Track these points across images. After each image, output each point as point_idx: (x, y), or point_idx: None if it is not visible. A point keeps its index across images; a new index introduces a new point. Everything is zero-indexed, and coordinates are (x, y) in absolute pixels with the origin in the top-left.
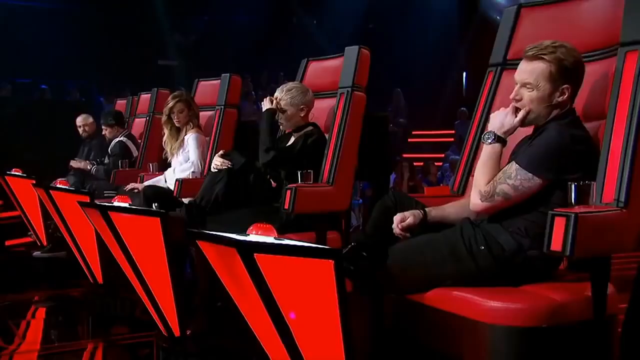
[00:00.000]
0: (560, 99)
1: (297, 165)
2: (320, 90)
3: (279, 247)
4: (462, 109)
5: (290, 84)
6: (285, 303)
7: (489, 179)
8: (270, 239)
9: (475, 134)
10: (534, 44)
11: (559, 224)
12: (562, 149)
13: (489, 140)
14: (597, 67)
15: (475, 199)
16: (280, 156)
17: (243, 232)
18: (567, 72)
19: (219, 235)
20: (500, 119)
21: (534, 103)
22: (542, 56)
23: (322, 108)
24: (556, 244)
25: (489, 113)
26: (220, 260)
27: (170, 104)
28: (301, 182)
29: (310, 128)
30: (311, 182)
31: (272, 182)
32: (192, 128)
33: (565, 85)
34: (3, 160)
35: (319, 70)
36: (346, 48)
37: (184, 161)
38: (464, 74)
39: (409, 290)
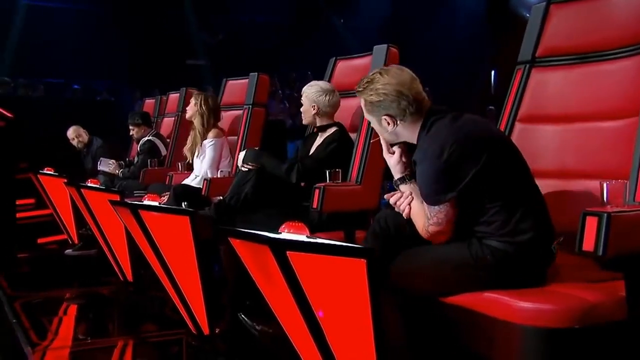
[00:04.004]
0: (390, 127)
1: (324, 168)
2: (348, 89)
3: (312, 245)
4: (490, 107)
5: (316, 82)
6: (318, 301)
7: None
8: (302, 237)
9: (505, 134)
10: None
11: (591, 224)
12: (440, 169)
13: (402, 184)
14: (628, 63)
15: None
16: (305, 170)
17: (272, 231)
18: (376, 106)
19: (252, 232)
20: (392, 170)
21: (380, 134)
22: (358, 94)
23: (350, 107)
24: (588, 244)
25: (517, 112)
26: (252, 258)
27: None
28: (329, 181)
29: (333, 130)
30: (339, 181)
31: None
32: (210, 130)
33: (383, 117)
34: (36, 159)
35: (347, 68)
36: (375, 47)
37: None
38: (493, 72)
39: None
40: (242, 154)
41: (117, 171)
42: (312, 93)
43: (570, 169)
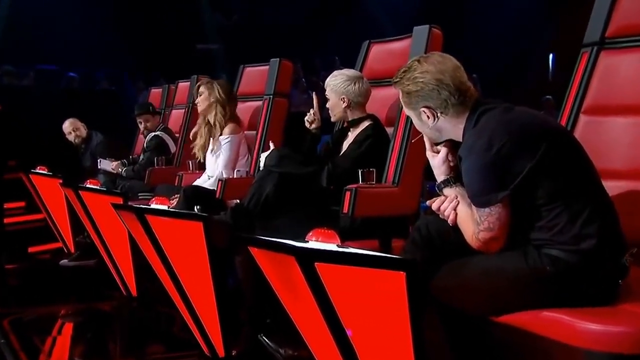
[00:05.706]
0: (431, 122)
1: (359, 168)
2: (383, 77)
3: (343, 255)
4: (548, 97)
5: (338, 71)
6: (350, 319)
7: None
8: (332, 247)
9: (565, 128)
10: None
11: None
12: (490, 164)
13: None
14: None
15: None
16: (338, 172)
17: (297, 239)
18: (414, 97)
19: (275, 241)
20: (436, 171)
21: (421, 130)
22: (394, 86)
23: (386, 97)
24: None
25: (582, 103)
26: (274, 270)
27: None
28: (362, 182)
29: (367, 124)
30: (374, 182)
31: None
32: (229, 123)
33: (422, 109)
34: (27, 157)
35: (382, 53)
36: (415, 28)
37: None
38: (551, 56)
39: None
40: (263, 156)
41: (119, 169)
42: (338, 84)
43: None
